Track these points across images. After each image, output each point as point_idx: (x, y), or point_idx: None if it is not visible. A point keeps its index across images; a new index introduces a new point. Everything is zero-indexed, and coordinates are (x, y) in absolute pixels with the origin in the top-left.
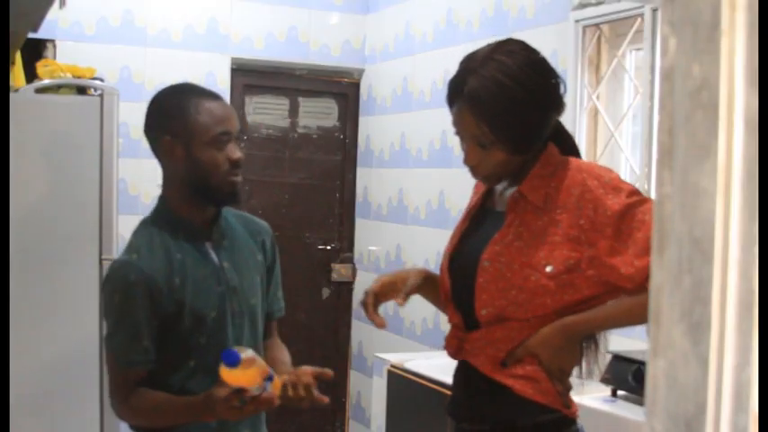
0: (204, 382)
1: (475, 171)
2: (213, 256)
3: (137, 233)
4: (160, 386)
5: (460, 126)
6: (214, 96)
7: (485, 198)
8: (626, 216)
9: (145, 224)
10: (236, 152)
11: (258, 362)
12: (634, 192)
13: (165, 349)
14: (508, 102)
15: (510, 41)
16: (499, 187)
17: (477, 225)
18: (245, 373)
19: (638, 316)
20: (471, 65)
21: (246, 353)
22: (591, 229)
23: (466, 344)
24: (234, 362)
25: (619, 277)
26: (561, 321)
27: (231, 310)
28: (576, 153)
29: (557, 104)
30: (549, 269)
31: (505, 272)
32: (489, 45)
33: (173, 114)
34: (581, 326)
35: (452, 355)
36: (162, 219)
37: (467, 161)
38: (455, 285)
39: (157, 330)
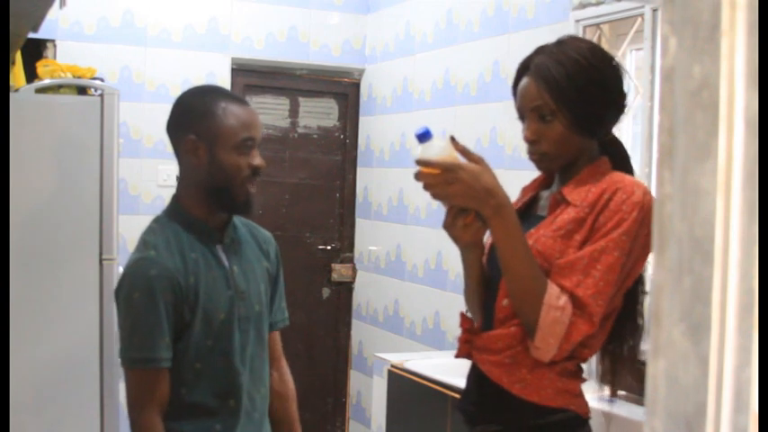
0: (208, 387)
1: (533, 147)
2: (224, 259)
3: (151, 231)
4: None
5: (523, 99)
6: (241, 101)
7: (530, 204)
8: (606, 248)
9: (158, 222)
10: (257, 158)
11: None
12: (627, 231)
13: (175, 349)
14: (574, 72)
15: (581, 37)
16: (545, 193)
17: None
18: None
19: (523, 290)
20: (542, 48)
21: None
22: (593, 229)
23: (477, 342)
24: (425, 134)
25: (552, 263)
26: (499, 202)
27: (238, 314)
28: (629, 172)
29: (618, 97)
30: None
31: None
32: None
33: (199, 115)
34: (503, 225)
35: (463, 355)
36: (176, 217)
37: (526, 136)
38: (491, 281)
39: (172, 329)
